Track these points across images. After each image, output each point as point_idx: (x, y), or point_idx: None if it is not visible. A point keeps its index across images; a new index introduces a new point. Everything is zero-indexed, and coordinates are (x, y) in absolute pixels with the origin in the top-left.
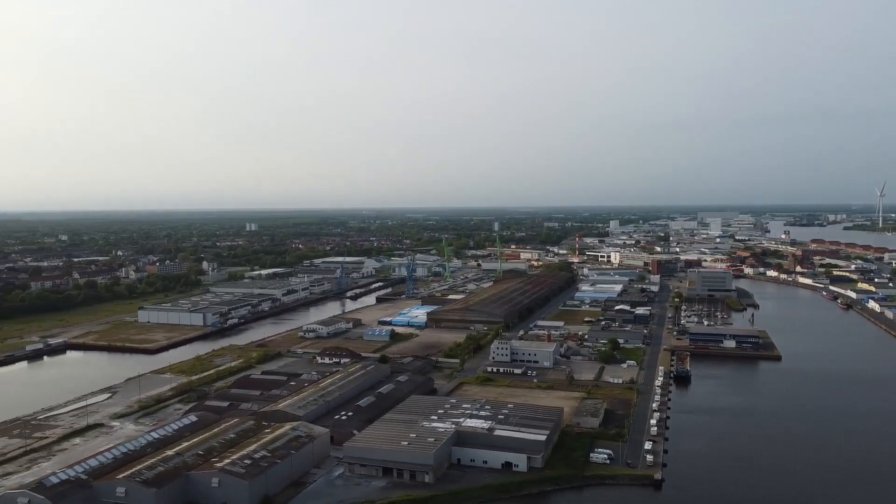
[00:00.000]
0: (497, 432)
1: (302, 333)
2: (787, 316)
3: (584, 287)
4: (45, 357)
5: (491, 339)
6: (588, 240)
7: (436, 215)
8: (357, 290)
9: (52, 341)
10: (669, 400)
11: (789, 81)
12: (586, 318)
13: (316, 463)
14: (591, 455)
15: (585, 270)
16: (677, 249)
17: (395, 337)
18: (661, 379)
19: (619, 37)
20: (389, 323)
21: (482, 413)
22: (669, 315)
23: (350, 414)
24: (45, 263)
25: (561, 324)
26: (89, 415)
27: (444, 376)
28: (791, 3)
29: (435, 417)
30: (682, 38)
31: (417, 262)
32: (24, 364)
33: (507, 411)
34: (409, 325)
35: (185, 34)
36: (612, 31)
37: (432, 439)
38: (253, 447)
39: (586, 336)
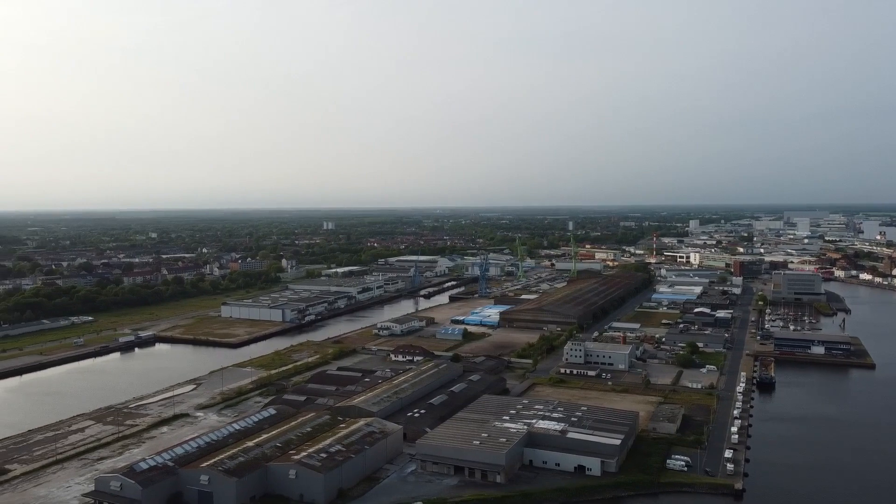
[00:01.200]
0: (570, 435)
1: (376, 331)
2: (883, 322)
3: (662, 288)
4: (136, 349)
5: (564, 340)
6: (666, 240)
7: (509, 214)
8: (430, 289)
9: (143, 334)
10: (752, 407)
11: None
12: (664, 321)
13: (389, 459)
14: (668, 462)
15: (663, 271)
16: (761, 250)
17: (467, 336)
18: (744, 385)
19: (694, 32)
20: (462, 322)
21: (555, 415)
22: (752, 319)
23: (423, 412)
24: (137, 260)
25: (637, 326)
26: (176, 405)
27: (517, 376)
28: None
29: (507, 418)
30: (754, 28)
31: (490, 261)
32: (117, 355)
33: (580, 413)
34: (481, 324)
35: (261, 38)
36: (692, 26)
37: (504, 439)
38: (328, 441)
39: (663, 339)
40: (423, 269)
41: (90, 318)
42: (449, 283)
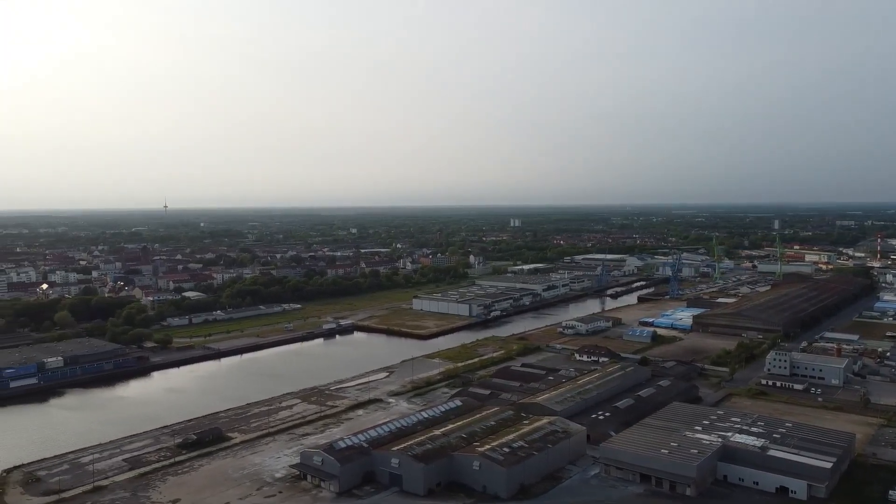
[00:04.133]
0: (771, 452)
1: (561, 329)
2: None
3: (887, 296)
4: (336, 336)
5: (767, 349)
6: (893, 241)
7: (705, 212)
8: (618, 289)
9: (343, 322)
10: None
11: None
12: (888, 333)
13: (571, 459)
14: (891, 493)
15: (889, 277)
16: None
17: (656, 339)
18: None
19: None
20: (651, 324)
21: (754, 429)
22: None
23: (607, 414)
24: (339, 254)
25: (855, 337)
26: (370, 390)
27: (711, 385)
28: None
29: (699, 428)
30: None
31: (684, 261)
32: (320, 341)
33: (783, 430)
34: (672, 327)
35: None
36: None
37: (695, 450)
38: (511, 436)
39: (888, 353)
40: (610, 268)
41: (298, 305)
42: (637, 283)
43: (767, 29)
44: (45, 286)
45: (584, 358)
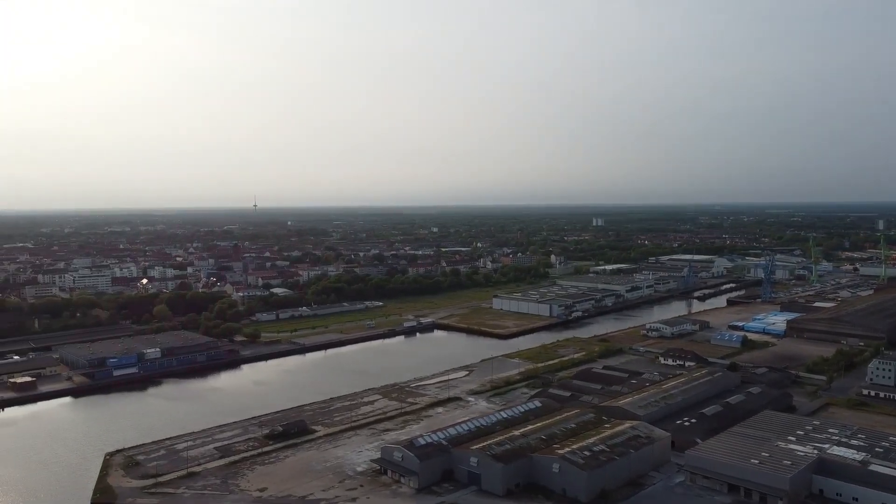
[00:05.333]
0: (874, 467)
1: (645, 331)
2: None
3: None
4: (417, 334)
5: (869, 357)
6: None
7: (801, 211)
8: (705, 291)
9: (423, 320)
10: None
11: None
12: None
13: (654, 466)
14: None
15: None
16: None
17: (746, 343)
18: None
19: None
20: (741, 328)
21: (853, 442)
22: None
23: (693, 421)
24: (420, 252)
25: None
26: (450, 388)
27: (806, 393)
28: None
29: (793, 438)
30: None
31: (777, 262)
32: (401, 338)
33: (887, 444)
34: (764, 331)
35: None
36: None
37: (789, 462)
38: (592, 440)
39: None
40: (697, 269)
41: (380, 303)
42: (727, 286)
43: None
44: (144, 281)
45: (669, 361)
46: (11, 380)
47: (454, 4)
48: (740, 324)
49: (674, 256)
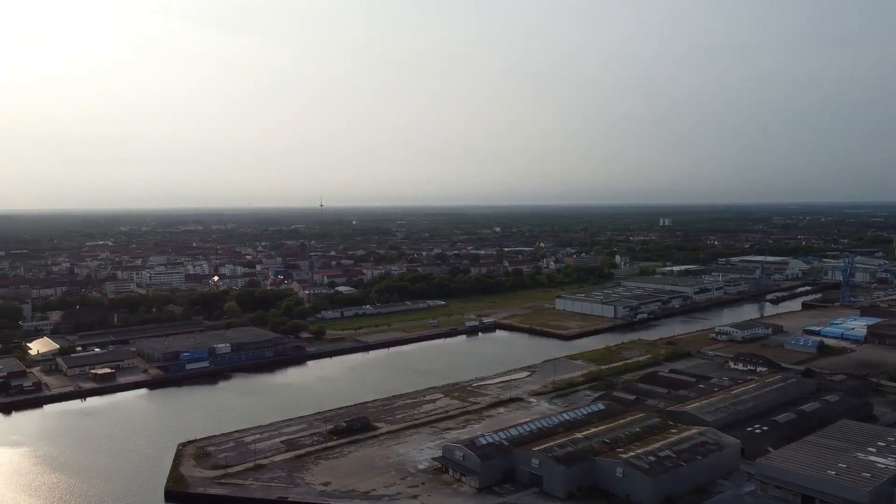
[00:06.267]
0: None
1: (714, 335)
2: None
3: None
4: (479, 333)
5: None
6: None
7: (884, 211)
8: (779, 294)
9: (486, 320)
10: None
11: None
12: None
13: (722, 474)
14: None
15: None
16: None
17: (823, 349)
18: None
19: None
20: (817, 333)
21: None
22: None
23: (765, 428)
24: (482, 252)
25: None
26: (512, 389)
27: (888, 403)
28: None
29: (873, 450)
30: None
31: (857, 265)
32: (463, 337)
33: None
34: (842, 337)
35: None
36: None
37: (868, 474)
38: (658, 445)
39: None
40: (770, 271)
41: (443, 302)
42: (802, 288)
43: None
44: (216, 278)
45: (740, 366)
46: (93, 371)
47: (509, 5)
48: (816, 328)
49: (745, 258)
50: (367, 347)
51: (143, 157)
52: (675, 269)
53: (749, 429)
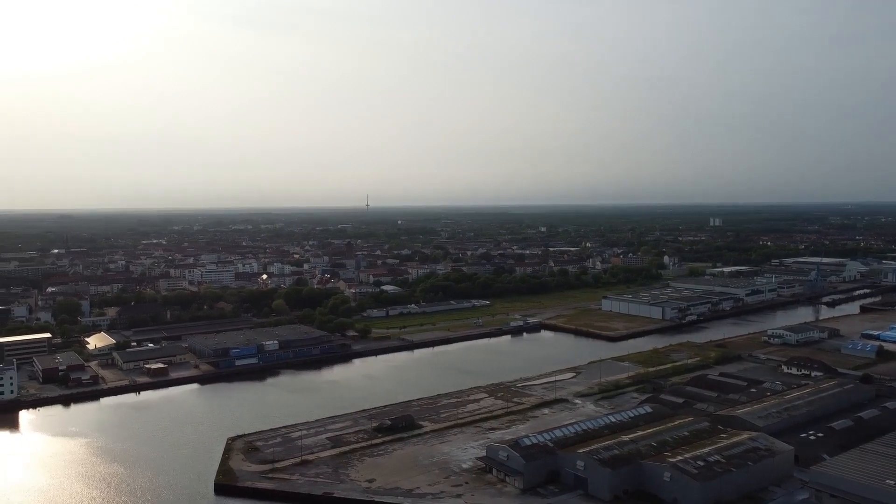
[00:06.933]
0: None
1: (766, 338)
2: None
3: None
4: (524, 333)
5: None
6: None
7: None
8: (835, 296)
9: (530, 320)
10: None
11: None
12: None
13: (775, 480)
14: None
15: None
16: None
17: (882, 354)
18: None
19: None
20: (877, 337)
21: None
22: None
23: (820, 435)
24: (528, 252)
25: None
26: (556, 390)
27: None
28: None
29: None
30: None
31: None
32: (507, 337)
33: None
34: None
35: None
36: None
37: None
38: (707, 450)
39: None
40: (826, 273)
41: (487, 302)
42: (860, 291)
43: None
44: (264, 276)
45: (793, 371)
46: (147, 365)
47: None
48: (875, 332)
49: (800, 259)
50: (411, 346)
51: (193, 159)
52: (726, 270)
53: (803, 435)
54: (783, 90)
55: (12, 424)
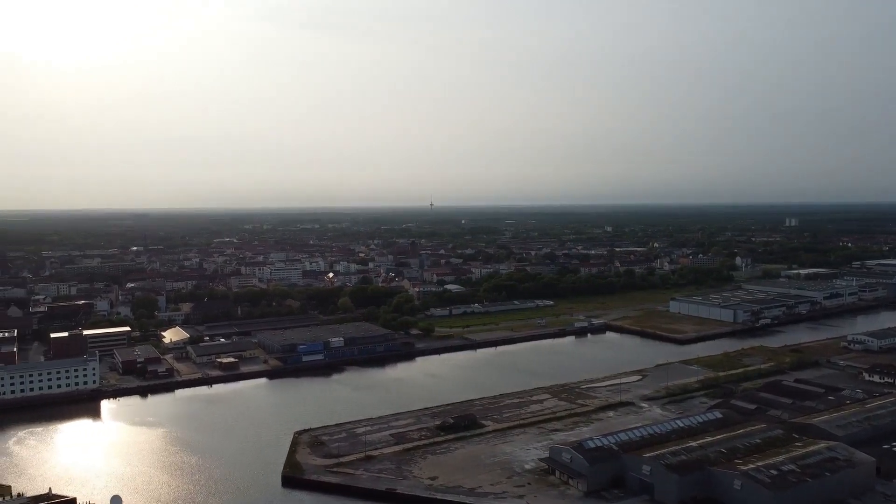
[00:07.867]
0: None
1: (846, 343)
2: None
3: None
4: (588, 335)
5: None
6: None
7: None
8: None
9: (595, 321)
10: None
11: None
12: None
13: (854, 493)
14: None
15: None
16: None
17: None
18: None
19: None
20: None
21: None
22: None
23: None
24: (593, 252)
25: None
26: (622, 392)
27: None
28: None
29: None
30: None
31: None
32: (572, 338)
33: None
34: None
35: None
36: None
37: None
38: (780, 458)
39: None
40: None
41: (551, 302)
42: None
43: None
44: (331, 275)
45: (876, 378)
46: (219, 360)
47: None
48: None
49: (883, 261)
50: (474, 345)
51: (263, 159)
52: (802, 272)
53: (886, 446)
54: (865, 89)
55: (94, 413)
